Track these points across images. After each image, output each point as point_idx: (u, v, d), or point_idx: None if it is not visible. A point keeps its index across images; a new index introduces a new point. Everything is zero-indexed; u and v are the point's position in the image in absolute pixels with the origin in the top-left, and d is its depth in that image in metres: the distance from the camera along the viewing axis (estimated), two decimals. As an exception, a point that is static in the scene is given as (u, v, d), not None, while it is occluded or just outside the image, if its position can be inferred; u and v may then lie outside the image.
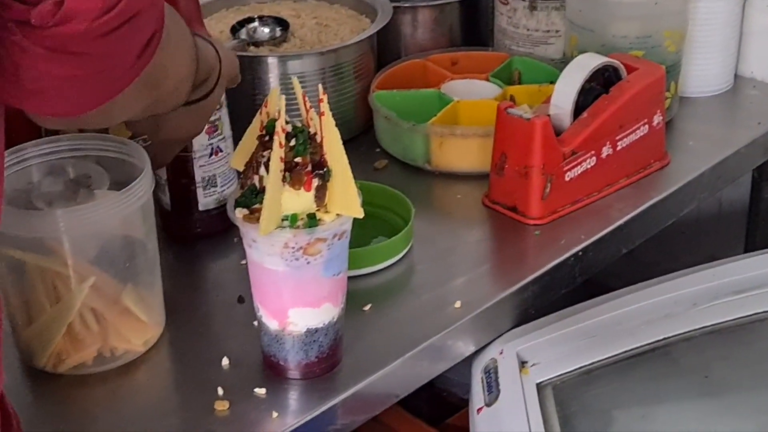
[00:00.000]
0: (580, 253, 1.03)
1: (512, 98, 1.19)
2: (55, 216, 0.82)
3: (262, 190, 0.78)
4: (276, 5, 1.32)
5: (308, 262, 0.80)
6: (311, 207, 0.79)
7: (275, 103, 0.79)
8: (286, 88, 0.88)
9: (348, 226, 0.82)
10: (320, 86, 0.77)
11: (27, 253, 0.84)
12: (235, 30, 1.23)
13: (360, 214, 0.80)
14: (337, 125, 1.20)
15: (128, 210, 0.84)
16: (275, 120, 0.77)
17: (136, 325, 0.89)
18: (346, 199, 0.79)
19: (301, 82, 0.81)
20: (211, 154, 1.00)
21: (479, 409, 0.92)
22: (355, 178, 1.07)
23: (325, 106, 0.77)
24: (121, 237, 0.86)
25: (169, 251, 1.03)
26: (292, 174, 0.77)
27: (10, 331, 0.88)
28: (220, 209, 1.03)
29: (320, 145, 0.78)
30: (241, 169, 0.82)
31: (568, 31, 1.22)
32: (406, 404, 1.35)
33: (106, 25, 0.59)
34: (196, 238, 1.04)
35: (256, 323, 0.88)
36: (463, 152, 1.14)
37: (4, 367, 0.86)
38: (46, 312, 0.86)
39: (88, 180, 0.90)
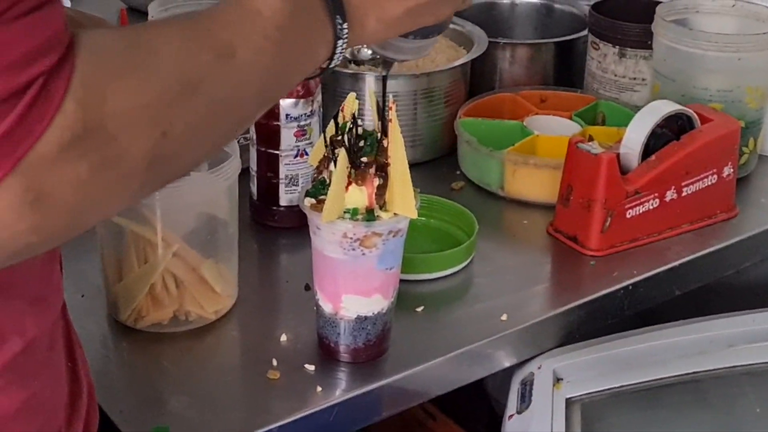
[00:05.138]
0: (630, 288, 1.08)
1: (590, 137, 1.25)
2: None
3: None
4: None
5: (363, 254, 0.89)
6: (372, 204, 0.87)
7: (350, 107, 0.88)
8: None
9: (403, 226, 0.90)
10: (390, 96, 0.86)
11: (125, 219, 0.96)
12: (341, 48, 1.33)
13: (414, 215, 0.88)
14: (423, 145, 1.31)
15: (214, 189, 0.94)
16: (348, 122, 0.87)
17: (211, 295, 0.99)
18: (403, 200, 0.87)
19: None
20: (296, 155, 1.10)
21: (510, 416, 0.98)
22: (432, 194, 1.17)
23: (393, 115, 0.85)
24: (206, 214, 0.97)
25: (254, 238, 1.14)
26: (357, 172, 0.86)
27: (102, 285, 1.00)
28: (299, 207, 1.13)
29: (386, 149, 0.87)
30: (316, 164, 0.91)
31: (652, 79, 1.28)
32: (464, 423, 1.41)
33: None
34: (275, 230, 1.14)
35: (315, 307, 0.97)
36: (535, 182, 1.21)
37: (94, 320, 0.98)
38: (135, 272, 0.96)
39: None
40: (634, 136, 1.13)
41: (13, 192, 0.53)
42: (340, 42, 0.70)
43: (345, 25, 0.70)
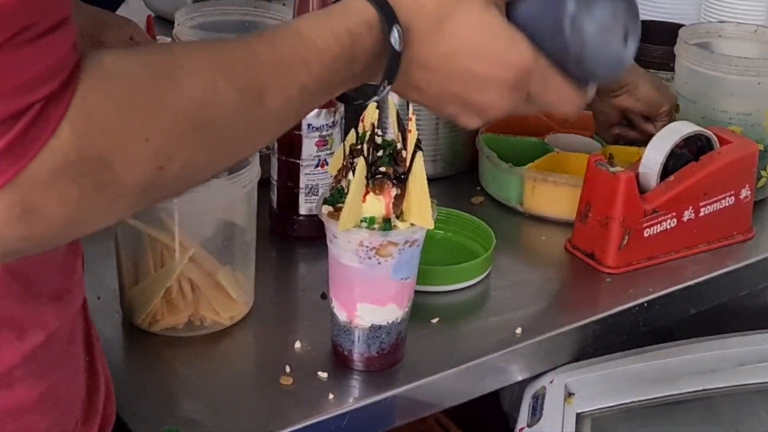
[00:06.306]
0: (646, 305, 1.08)
1: (611, 156, 1.25)
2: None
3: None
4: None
5: (379, 263, 0.89)
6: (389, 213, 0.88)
7: (370, 117, 0.89)
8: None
9: (419, 236, 0.90)
10: (410, 106, 0.87)
11: (142, 223, 0.97)
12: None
13: (430, 225, 0.88)
14: (444, 160, 1.32)
15: (232, 196, 0.95)
16: (367, 132, 0.88)
17: (226, 300, 1.00)
18: (420, 210, 0.88)
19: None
20: (317, 165, 1.11)
21: (521, 429, 0.98)
22: (452, 208, 1.18)
23: (412, 125, 0.86)
24: (223, 220, 0.98)
25: (273, 247, 1.15)
26: (375, 181, 0.87)
27: (118, 288, 1.01)
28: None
29: (404, 160, 0.88)
30: (334, 173, 0.92)
31: (674, 100, 1.29)
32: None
33: None
34: (294, 239, 1.15)
35: (330, 315, 0.98)
36: (554, 198, 1.21)
37: (110, 323, 0.99)
38: (151, 275, 0.98)
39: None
40: (653, 156, 1.13)
41: (1, 204, 0.54)
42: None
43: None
